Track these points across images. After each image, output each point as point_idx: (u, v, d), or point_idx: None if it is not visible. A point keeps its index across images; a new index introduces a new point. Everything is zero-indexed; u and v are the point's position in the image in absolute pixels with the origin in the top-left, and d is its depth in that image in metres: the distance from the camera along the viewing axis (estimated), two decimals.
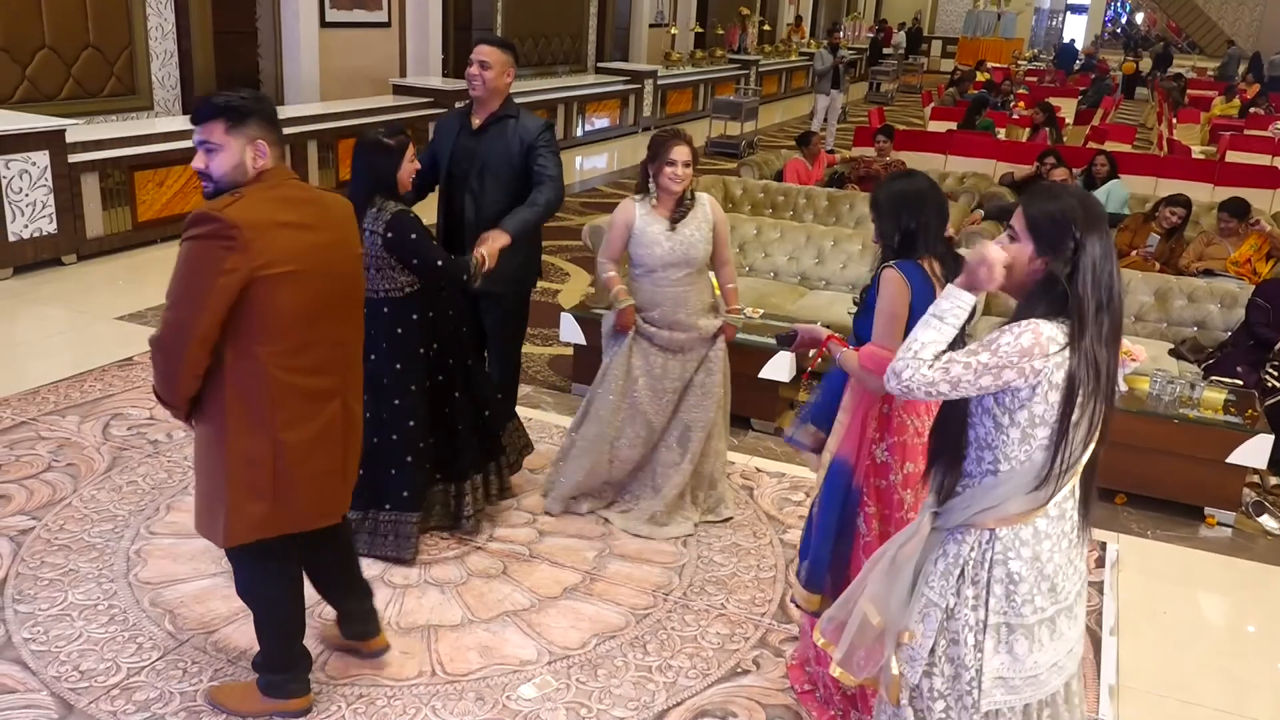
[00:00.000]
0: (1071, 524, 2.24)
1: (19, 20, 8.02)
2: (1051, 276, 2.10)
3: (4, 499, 4.16)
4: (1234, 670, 3.77)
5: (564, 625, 3.62)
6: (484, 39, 4.37)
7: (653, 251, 4.04)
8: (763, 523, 4.41)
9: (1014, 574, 2.18)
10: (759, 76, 20.49)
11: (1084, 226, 2.10)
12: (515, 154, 4.29)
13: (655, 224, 4.03)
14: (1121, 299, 2.15)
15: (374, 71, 11.70)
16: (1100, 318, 2.09)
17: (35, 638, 3.35)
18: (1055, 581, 2.21)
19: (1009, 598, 2.19)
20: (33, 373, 5.45)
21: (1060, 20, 38.85)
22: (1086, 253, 2.08)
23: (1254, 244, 6.99)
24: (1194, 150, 13.28)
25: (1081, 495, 2.26)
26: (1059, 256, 2.10)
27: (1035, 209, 2.15)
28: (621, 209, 4.12)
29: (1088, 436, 2.16)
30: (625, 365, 4.16)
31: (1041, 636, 2.21)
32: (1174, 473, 4.75)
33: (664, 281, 4.09)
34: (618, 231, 4.11)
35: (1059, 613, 2.23)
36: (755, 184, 8.37)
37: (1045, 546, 2.19)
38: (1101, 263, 2.10)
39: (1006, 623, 2.19)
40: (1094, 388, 2.09)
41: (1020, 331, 2.06)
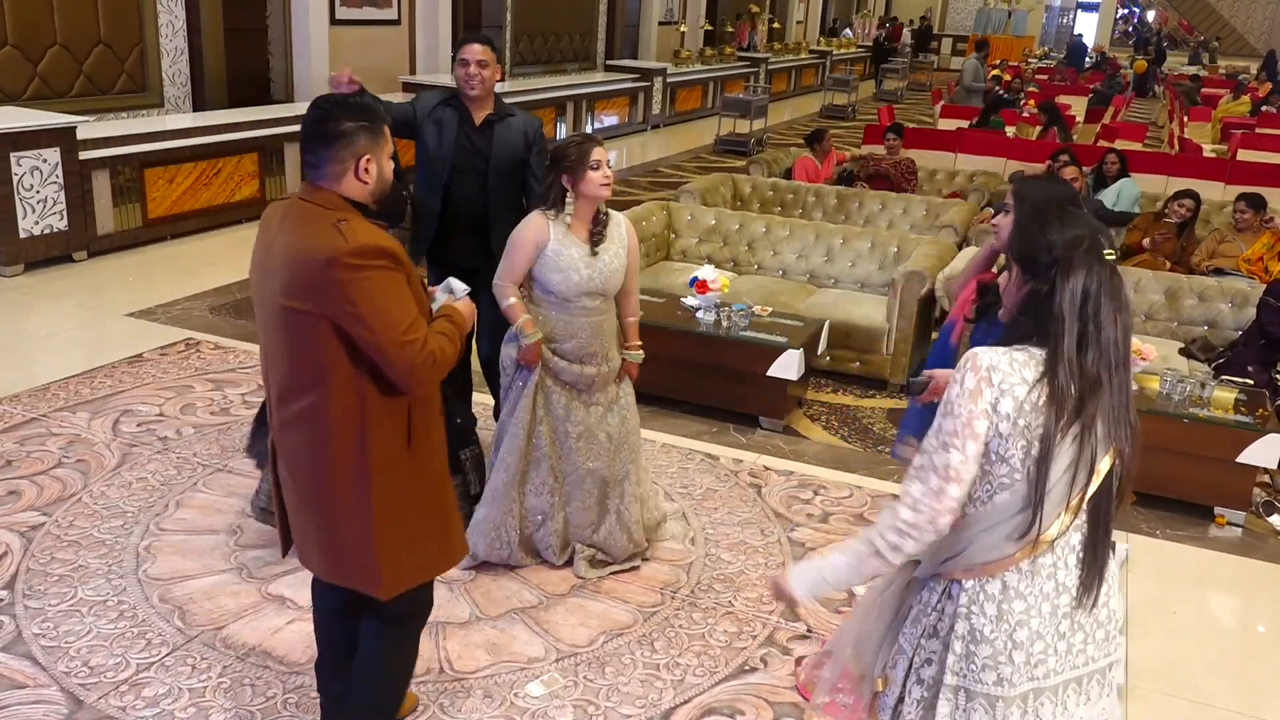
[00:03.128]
0: (1058, 587, 1.95)
1: (31, 18, 8.05)
2: (1032, 295, 1.94)
3: (14, 495, 4.18)
4: (1244, 670, 3.76)
5: (572, 623, 3.62)
6: (474, 38, 4.39)
7: (569, 278, 3.57)
8: (770, 521, 4.41)
9: (976, 631, 1.95)
10: (768, 74, 20.47)
11: (1065, 245, 1.92)
12: (522, 152, 4.33)
13: (573, 247, 3.57)
14: (1116, 340, 1.90)
15: (384, 69, 11.71)
16: (1084, 344, 1.87)
17: (45, 633, 3.36)
18: (1032, 652, 1.94)
19: (968, 658, 1.96)
20: (43, 369, 5.47)
21: (1071, 18, 38.71)
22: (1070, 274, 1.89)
23: (1266, 242, 6.97)
24: (1205, 149, 13.22)
25: (1084, 557, 1.96)
26: (1038, 275, 1.94)
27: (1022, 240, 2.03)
28: (532, 226, 3.59)
29: (1079, 477, 1.90)
30: (531, 406, 3.71)
31: (1009, 716, 1.95)
32: (1184, 472, 4.73)
33: (579, 311, 3.64)
34: (524, 252, 3.58)
35: (1037, 692, 1.96)
36: (764, 182, 8.35)
37: (1016, 607, 1.93)
38: (1087, 285, 1.88)
39: (964, 687, 1.96)
40: (1069, 420, 1.86)
41: (960, 376, 1.89)
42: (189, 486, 4.34)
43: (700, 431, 5.25)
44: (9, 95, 7.92)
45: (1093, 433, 1.88)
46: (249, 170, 8.70)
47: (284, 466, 2.53)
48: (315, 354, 2.35)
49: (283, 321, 2.37)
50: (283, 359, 2.42)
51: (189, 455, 4.59)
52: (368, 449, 2.43)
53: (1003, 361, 1.87)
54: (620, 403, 3.83)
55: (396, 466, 2.49)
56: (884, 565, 1.96)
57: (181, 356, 5.72)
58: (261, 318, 2.46)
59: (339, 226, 2.31)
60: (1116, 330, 1.88)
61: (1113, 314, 1.88)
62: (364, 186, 2.42)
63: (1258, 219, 7.08)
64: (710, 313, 5.39)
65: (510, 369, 3.74)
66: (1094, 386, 1.87)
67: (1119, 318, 1.89)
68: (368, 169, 2.40)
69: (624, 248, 3.69)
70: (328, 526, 2.50)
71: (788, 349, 5.16)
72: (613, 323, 3.78)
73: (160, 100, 9.27)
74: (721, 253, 7.01)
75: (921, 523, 1.89)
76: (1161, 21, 38.82)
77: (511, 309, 3.64)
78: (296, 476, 2.50)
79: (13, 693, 3.10)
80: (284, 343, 2.40)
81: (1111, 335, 1.88)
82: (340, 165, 2.37)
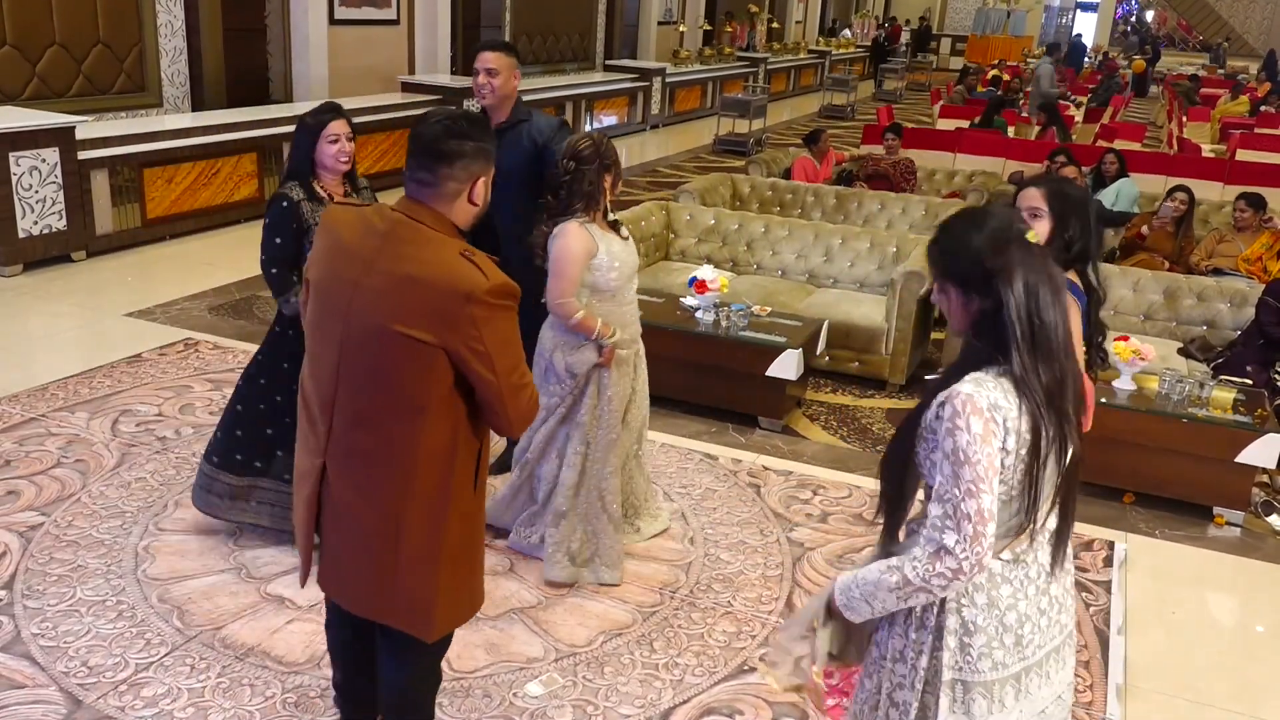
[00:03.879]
0: (1039, 568, 2.00)
1: (30, 17, 8.05)
2: (982, 315, 1.91)
3: (13, 495, 4.18)
4: (1243, 670, 3.76)
5: (571, 623, 3.62)
6: (487, 44, 4.35)
7: (622, 271, 3.68)
8: (770, 520, 4.41)
9: (968, 623, 1.96)
10: (767, 74, 20.47)
11: (992, 248, 1.88)
12: (530, 158, 4.27)
13: (613, 242, 3.66)
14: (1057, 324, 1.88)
15: (383, 69, 11.71)
16: (1036, 344, 1.86)
17: (44, 633, 3.36)
18: (1021, 634, 1.98)
19: (963, 650, 1.96)
20: (42, 369, 5.46)
21: (1070, 18, 38.72)
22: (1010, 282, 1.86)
23: (1265, 242, 6.98)
24: (1204, 149, 13.23)
25: (1054, 538, 2.01)
26: (982, 293, 1.90)
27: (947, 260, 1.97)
28: (580, 239, 3.57)
29: (1060, 464, 1.95)
30: (621, 396, 3.82)
31: (1004, 697, 1.98)
32: (1183, 472, 4.73)
33: (627, 299, 3.76)
34: (578, 266, 3.57)
35: (1026, 670, 2.00)
36: (763, 182, 8.36)
37: (1004, 592, 1.96)
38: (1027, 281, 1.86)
39: (962, 680, 1.97)
40: (1049, 422, 1.87)
41: (964, 423, 1.84)
42: (188, 486, 4.33)
43: (699, 431, 5.25)
44: (8, 95, 7.92)
45: (1068, 421, 1.91)
46: (248, 170, 8.70)
47: (344, 495, 2.38)
48: (420, 383, 2.24)
49: (387, 346, 2.23)
50: (369, 383, 2.28)
51: (188, 455, 4.59)
52: (449, 485, 2.35)
53: (997, 396, 1.86)
54: (640, 367, 3.96)
55: (467, 505, 2.42)
56: (929, 598, 1.94)
57: (180, 356, 5.72)
58: (337, 335, 2.29)
59: (471, 258, 2.21)
60: (1056, 313, 1.88)
61: (1050, 299, 1.88)
62: (474, 210, 2.33)
63: (1257, 218, 7.09)
64: (709, 313, 5.40)
65: (578, 373, 3.71)
66: (1059, 382, 1.88)
67: (1056, 300, 1.88)
68: (480, 192, 2.33)
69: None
70: (387, 563, 2.36)
71: (786, 349, 5.16)
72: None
73: (159, 100, 9.28)
74: (720, 253, 7.01)
75: (967, 567, 1.86)
76: (1160, 22, 38.86)
77: (585, 319, 3.62)
78: (363, 509, 2.36)
79: (11, 692, 3.09)
80: (378, 365, 2.25)
81: (1052, 319, 1.87)
82: (458, 186, 2.27)
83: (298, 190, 3.66)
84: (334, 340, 2.30)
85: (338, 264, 2.30)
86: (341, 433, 2.35)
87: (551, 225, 3.66)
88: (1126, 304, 6.25)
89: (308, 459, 2.43)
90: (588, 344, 3.68)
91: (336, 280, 2.29)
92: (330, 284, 2.31)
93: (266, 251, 3.67)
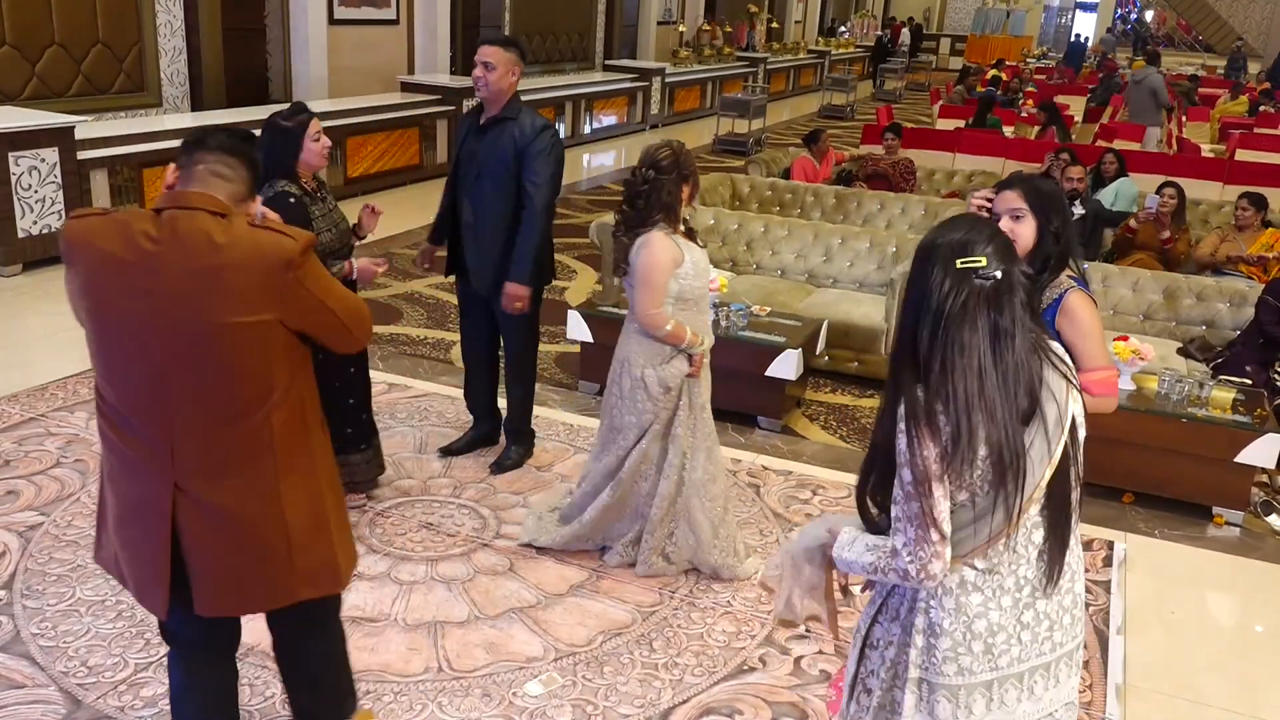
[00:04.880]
0: (1019, 581, 1.96)
1: (29, 17, 8.05)
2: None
3: (13, 495, 4.18)
4: (1243, 670, 3.76)
5: (570, 622, 3.62)
6: (487, 39, 4.33)
7: (705, 279, 3.69)
8: (769, 520, 4.41)
9: (935, 624, 1.96)
10: (767, 74, 20.48)
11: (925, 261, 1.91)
12: (510, 158, 4.25)
13: (694, 250, 3.65)
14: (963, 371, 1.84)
15: (382, 69, 11.71)
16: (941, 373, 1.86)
17: (43, 633, 3.36)
18: (991, 643, 1.95)
19: (929, 651, 1.97)
20: (41, 369, 5.46)
21: (1070, 18, 38.71)
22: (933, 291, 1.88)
23: (1265, 242, 6.98)
24: (1204, 149, 13.23)
25: (1043, 555, 1.97)
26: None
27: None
28: (668, 250, 3.55)
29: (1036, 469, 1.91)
30: (708, 403, 3.83)
31: (971, 704, 1.96)
32: (1182, 472, 4.73)
33: (707, 307, 3.82)
34: (667, 276, 3.56)
35: (1000, 680, 1.97)
36: (763, 182, 8.36)
37: (973, 600, 1.94)
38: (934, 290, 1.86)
39: (926, 680, 1.98)
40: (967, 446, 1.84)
41: (905, 426, 1.88)
42: None
43: None
44: (7, 95, 7.92)
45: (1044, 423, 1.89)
46: None
47: (218, 502, 2.29)
48: (266, 363, 2.26)
49: (223, 341, 2.19)
50: (215, 383, 2.22)
51: None
52: (311, 445, 2.41)
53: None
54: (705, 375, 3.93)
55: (326, 454, 2.49)
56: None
57: None
58: (146, 351, 2.20)
59: (265, 226, 2.28)
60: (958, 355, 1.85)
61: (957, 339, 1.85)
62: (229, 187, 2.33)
63: (1258, 218, 7.10)
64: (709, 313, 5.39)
65: (671, 388, 3.70)
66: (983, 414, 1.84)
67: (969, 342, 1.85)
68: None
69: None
70: (281, 548, 2.36)
71: (786, 349, 5.16)
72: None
73: (159, 100, 9.28)
74: (720, 252, 7.01)
75: (914, 571, 1.88)
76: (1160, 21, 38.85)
77: (677, 329, 3.61)
78: (243, 508, 2.31)
79: (11, 692, 3.09)
80: (220, 363, 2.21)
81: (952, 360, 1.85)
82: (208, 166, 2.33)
83: (294, 186, 3.78)
84: (141, 358, 2.21)
85: (115, 280, 2.19)
86: (194, 443, 2.26)
87: (631, 237, 3.62)
88: (1126, 304, 6.25)
89: (147, 486, 2.29)
90: (678, 355, 3.68)
91: (122, 295, 2.18)
92: (115, 302, 2.20)
93: None
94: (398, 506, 4.28)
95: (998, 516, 1.89)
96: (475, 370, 4.75)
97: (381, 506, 4.26)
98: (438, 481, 4.51)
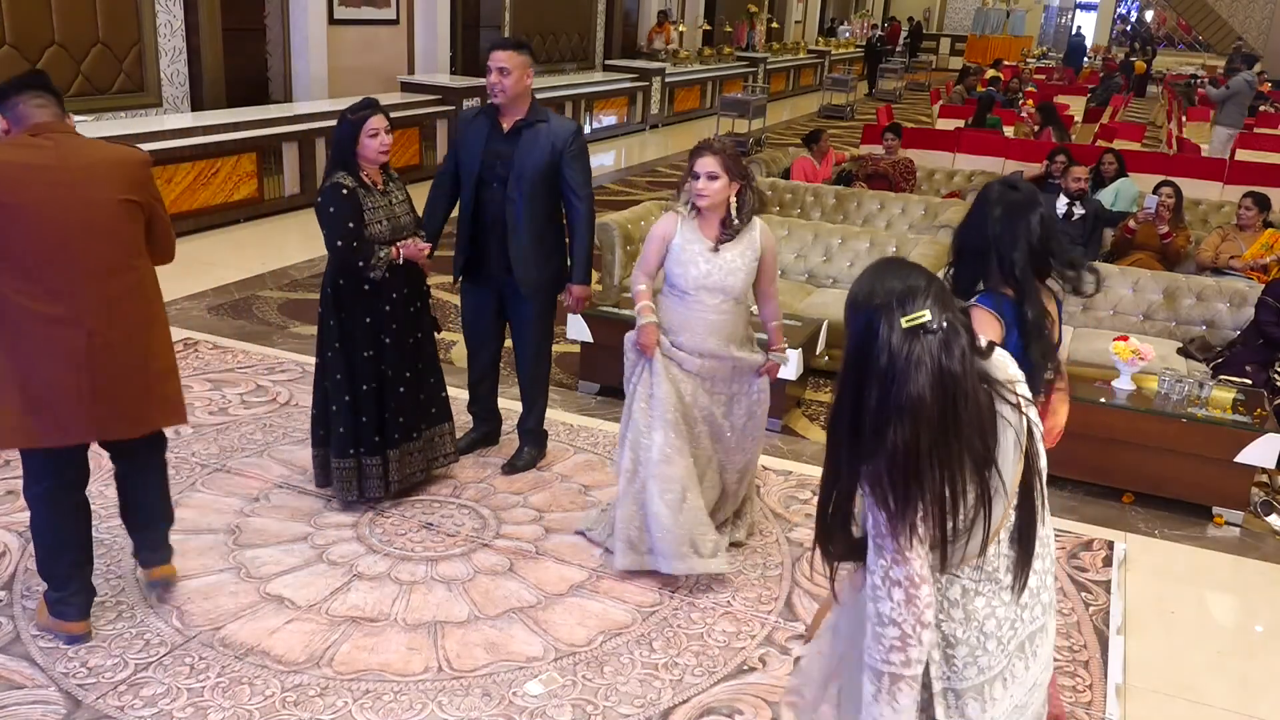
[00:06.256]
0: (1009, 569, 2.01)
1: (29, 17, 8.05)
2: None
3: (12, 494, 4.17)
4: (1242, 670, 3.76)
5: (570, 622, 3.62)
6: (499, 43, 4.32)
7: (688, 272, 3.70)
8: (769, 520, 4.41)
9: (949, 636, 1.98)
10: (767, 74, 20.48)
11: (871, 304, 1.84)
12: (547, 161, 4.28)
13: (696, 243, 3.71)
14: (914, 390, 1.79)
15: (382, 69, 11.72)
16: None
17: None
18: (1001, 636, 2.00)
19: (948, 662, 2.00)
20: None
21: (1070, 18, 38.73)
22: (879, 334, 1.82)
23: (1265, 242, 6.98)
24: (1203, 149, 13.23)
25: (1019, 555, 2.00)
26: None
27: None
28: (662, 222, 3.80)
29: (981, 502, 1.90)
30: (671, 392, 3.75)
31: (994, 693, 2.02)
32: (1182, 472, 4.74)
33: (696, 305, 3.74)
34: (654, 245, 3.78)
35: (1009, 661, 2.04)
36: (763, 182, 8.34)
37: (978, 604, 1.98)
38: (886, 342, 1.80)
39: (952, 688, 2.01)
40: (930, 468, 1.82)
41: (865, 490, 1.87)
42: (187, 486, 4.34)
43: None
44: None
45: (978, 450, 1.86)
46: (247, 170, 8.70)
47: (112, 338, 3.11)
48: (138, 233, 3.18)
49: (117, 212, 3.11)
50: (110, 242, 3.11)
51: (187, 455, 4.59)
52: (163, 312, 3.33)
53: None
54: (751, 397, 3.90)
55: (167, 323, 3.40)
56: (913, 682, 1.90)
57: (180, 357, 5.70)
58: (66, 223, 3.02)
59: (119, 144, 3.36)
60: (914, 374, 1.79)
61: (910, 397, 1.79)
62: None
63: (1260, 218, 7.10)
64: None
65: (632, 356, 3.83)
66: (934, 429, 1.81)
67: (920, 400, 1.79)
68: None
69: (753, 250, 3.76)
70: (144, 383, 3.22)
71: (786, 349, 5.15)
72: (736, 323, 3.81)
73: (158, 100, 9.28)
74: None
75: (910, 629, 1.86)
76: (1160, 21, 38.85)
77: (637, 294, 3.82)
78: (126, 343, 3.15)
79: (11, 693, 3.10)
80: (113, 228, 3.12)
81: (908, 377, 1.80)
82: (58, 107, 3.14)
83: (349, 179, 3.93)
84: (53, 229, 3.01)
85: (28, 176, 3.01)
86: (91, 289, 3.08)
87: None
88: (1126, 304, 6.25)
89: (66, 333, 3.06)
90: (640, 323, 3.79)
91: (35, 186, 3.00)
92: (29, 192, 3.00)
93: (340, 235, 3.89)
94: (398, 506, 4.28)
95: (973, 543, 1.91)
96: (482, 374, 4.75)
97: (382, 506, 4.26)
98: (438, 481, 4.51)
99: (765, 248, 3.81)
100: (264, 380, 5.50)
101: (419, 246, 4.10)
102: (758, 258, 3.78)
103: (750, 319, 3.93)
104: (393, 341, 4.07)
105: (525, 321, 4.51)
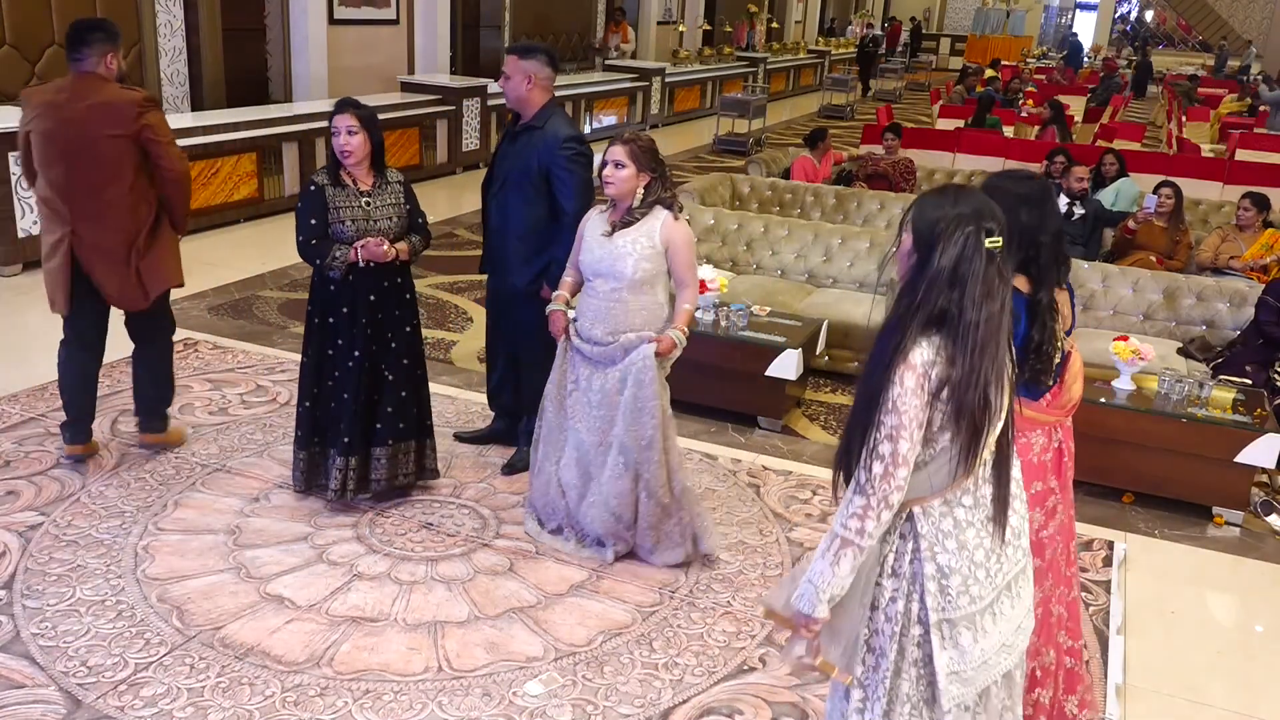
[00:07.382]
0: (987, 515, 2.18)
1: (29, 17, 8.05)
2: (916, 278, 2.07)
3: (12, 495, 4.18)
4: (1242, 670, 3.76)
5: (570, 622, 3.62)
6: (510, 48, 4.41)
7: (586, 257, 3.81)
8: (769, 520, 4.41)
9: (943, 568, 2.14)
10: (767, 74, 20.48)
11: (951, 226, 2.04)
12: (534, 166, 4.27)
13: (598, 229, 3.79)
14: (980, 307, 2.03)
15: (382, 69, 11.72)
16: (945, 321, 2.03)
17: (43, 633, 3.36)
18: (989, 567, 2.17)
19: (943, 593, 2.14)
20: (41, 369, 5.44)
21: (1070, 18, 38.74)
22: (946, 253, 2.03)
23: (1265, 242, 6.98)
24: (1204, 149, 13.23)
25: (995, 492, 2.18)
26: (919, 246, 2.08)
27: (916, 211, 2.12)
28: (588, 212, 3.95)
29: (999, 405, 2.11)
30: (560, 376, 3.92)
31: (984, 624, 2.17)
32: (1182, 472, 4.73)
33: (590, 291, 3.82)
34: (579, 237, 3.91)
35: (997, 596, 2.20)
36: (763, 181, 8.36)
37: (970, 535, 2.15)
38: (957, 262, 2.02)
39: (947, 619, 2.15)
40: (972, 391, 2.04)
41: (899, 376, 2.03)
42: (187, 486, 4.34)
43: (699, 431, 5.25)
44: (7, 94, 7.92)
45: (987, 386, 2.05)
46: (247, 170, 8.70)
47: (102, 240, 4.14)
48: (125, 157, 4.10)
49: (104, 144, 4.07)
50: (99, 164, 4.08)
51: (187, 455, 4.59)
52: (153, 211, 4.25)
53: (929, 353, 2.03)
54: (637, 373, 3.75)
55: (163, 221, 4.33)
56: (857, 552, 2.09)
57: (180, 357, 5.70)
58: (66, 150, 4.08)
59: (128, 88, 4.20)
60: (977, 313, 2.02)
61: (977, 298, 2.02)
62: (114, 70, 4.17)
63: (1260, 218, 7.10)
64: (709, 313, 5.40)
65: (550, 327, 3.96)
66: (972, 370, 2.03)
67: (984, 304, 2.02)
68: (113, 63, 4.17)
69: (649, 238, 3.71)
70: (133, 265, 4.19)
71: (786, 349, 5.16)
72: (632, 315, 3.75)
73: (159, 100, 9.26)
74: (720, 252, 7.01)
75: (874, 503, 2.05)
76: (1160, 21, 38.85)
77: (560, 283, 3.97)
78: (115, 242, 4.15)
79: (11, 692, 3.09)
80: (102, 154, 4.07)
81: (971, 318, 2.01)
82: (96, 58, 4.12)
83: (323, 176, 4.01)
84: (60, 155, 4.09)
85: (47, 112, 4.10)
86: (81, 202, 4.11)
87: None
88: (1126, 304, 6.25)
89: (60, 231, 4.16)
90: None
91: (49, 119, 4.08)
92: (45, 123, 4.09)
93: (303, 231, 3.99)
94: (398, 506, 4.28)
95: (962, 460, 2.09)
96: (501, 377, 4.76)
97: (382, 506, 4.26)
98: (438, 481, 4.51)
99: (670, 240, 3.73)
100: (264, 380, 5.50)
101: (383, 249, 3.96)
102: (655, 246, 3.71)
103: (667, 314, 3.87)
104: (345, 343, 4.03)
105: (516, 324, 4.52)
